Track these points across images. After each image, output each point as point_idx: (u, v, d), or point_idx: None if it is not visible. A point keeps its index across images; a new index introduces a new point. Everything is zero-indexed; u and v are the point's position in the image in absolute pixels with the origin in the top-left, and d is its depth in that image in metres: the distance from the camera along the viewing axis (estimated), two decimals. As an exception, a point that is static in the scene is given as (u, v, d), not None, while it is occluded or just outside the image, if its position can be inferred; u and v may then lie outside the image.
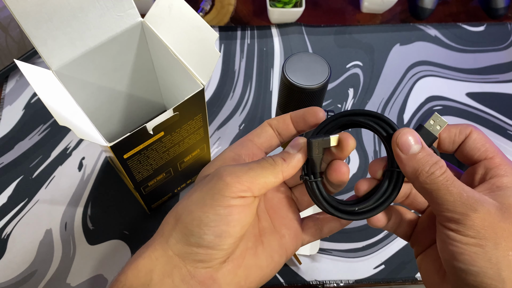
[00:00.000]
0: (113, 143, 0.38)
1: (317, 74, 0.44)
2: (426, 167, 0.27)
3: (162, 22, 0.45)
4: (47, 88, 0.39)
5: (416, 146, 0.28)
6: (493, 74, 0.72)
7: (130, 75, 0.53)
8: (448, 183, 0.27)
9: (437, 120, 0.31)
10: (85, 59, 0.46)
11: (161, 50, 0.47)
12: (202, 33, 0.42)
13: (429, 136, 0.31)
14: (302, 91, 0.44)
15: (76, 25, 0.43)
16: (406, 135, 0.28)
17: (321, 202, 0.32)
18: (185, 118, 0.44)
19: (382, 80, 0.70)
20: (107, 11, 0.44)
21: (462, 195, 0.26)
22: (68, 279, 0.53)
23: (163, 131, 0.43)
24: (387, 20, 0.78)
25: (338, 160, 0.32)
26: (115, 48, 0.47)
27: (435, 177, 0.27)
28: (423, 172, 0.27)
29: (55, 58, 0.43)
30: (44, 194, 0.58)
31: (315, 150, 0.31)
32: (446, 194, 0.26)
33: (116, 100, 0.54)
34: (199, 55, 0.43)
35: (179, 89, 0.50)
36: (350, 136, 0.32)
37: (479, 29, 0.76)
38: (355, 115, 0.32)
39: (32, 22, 0.40)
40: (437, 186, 0.27)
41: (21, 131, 0.63)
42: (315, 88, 0.44)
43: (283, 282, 0.54)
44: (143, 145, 0.42)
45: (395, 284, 0.55)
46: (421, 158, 0.28)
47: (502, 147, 0.65)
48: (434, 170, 0.27)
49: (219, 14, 0.75)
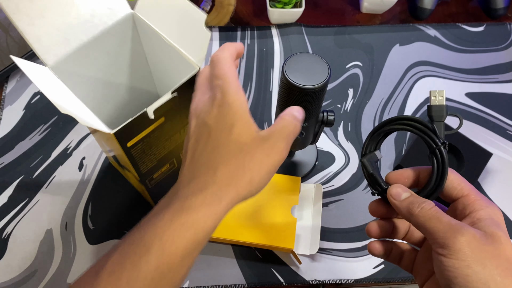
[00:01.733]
0: (116, 130, 0.39)
1: (317, 74, 0.44)
2: (416, 204, 0.33)
3: (152, 11, 0.46)
4: (47, 83, 0.40)
5: (405, 193, 0.35)
6: (493, 74, 0.72)
7: (125, 67, 0.53)
8: (438, 214, 0.32)
9: (436, 94, 0.35)
10: (80, 54, 0.46)
11: (153, 39, 0.48)
12: (190, 15, 0.42)
13: (441, 110, 0.35)
14: (302, 91, 0.44)
15: (69, 20, 0.43)
16: (396, 188, 0.35)
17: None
18: (184, 102, 0.44)
19: (382, 80, 0.70)
20: (98, 4, 0.44)
21: (450, 222, 0.31)
22: (68, 279, 0.53)
23: (164, 117, 0.43)
24: (387, 21, 0.78)
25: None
26: (108, 41, 0.48)
27: (426, 210, 0.32)
28: (415, 208, 0.33)
29: (50, 55, 0.43)
30: (45, 194, 0.58)
31: (369, 167, 0.37)
32: (437, 222, 0.31)
33: (112, 93, 0.55)
34: (191, 38, 0.43)
35: (174, 77, 0.51)
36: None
37: (479, 29, 0.76)
38: (386, 124, 0.37)
39: (25, 19, 0.40)
40: (429, 217, 0.32)
41: (22, 131, 0.63)
42: (315, 89, 0.44)
43: (283, 281, 0.54)
44: (145, 132, 0.43)
45: (394, 284, 0.56)
46: (411, 199, 0.34)
47: (502, 147, 0.65)
48: (424, 205, 0.33)
49: (219, 15, 0.75)
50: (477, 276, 0.29)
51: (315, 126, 0.52)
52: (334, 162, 0.63)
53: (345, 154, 0.64)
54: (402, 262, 0.39)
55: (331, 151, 0.64)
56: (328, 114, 0.51)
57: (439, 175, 0.35)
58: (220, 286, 0.54)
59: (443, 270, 0.30)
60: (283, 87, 0.46)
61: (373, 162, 0.38)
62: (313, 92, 0.44)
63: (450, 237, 0.30)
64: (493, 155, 0.61)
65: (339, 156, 0.63)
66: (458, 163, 0.61)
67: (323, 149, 0.64)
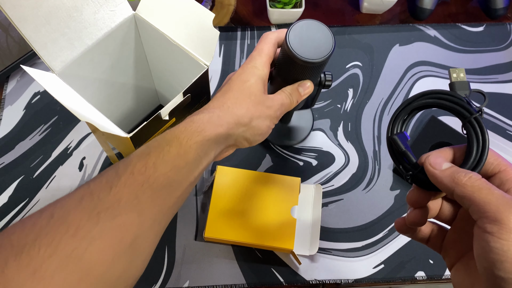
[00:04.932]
0: (132, 134, 0.39)
1: (321, 46, 0.42)
2: (463, 174, 0.29)
3: (155, 12, 0.46)
4: (59, 91, 0.40)
5: (446, 163, 0.31)
6: (492, 74, 0.72)
7: (127, 67, 0.54)
8: (489, 185, 0.28)
9: (457, 71, 0.34)
10: (85, 58, 0.46)
11: (156, 39, 0.48)
12: (198, 15, 0.42)
13: (464, 86, 0.34)
14: (305, 64, 0.42)
15: (73, 25, 0.43)
16: (436, 158, 0.31)
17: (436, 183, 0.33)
18: (193, 101, 0.45)
19: (382, 80, 0.70)
20: (100, 7, 0.45)
21: (504, 196, 0.27)
22: (68, 279, 0.53)
23: (175, 117, 0.44)
24: (387, 21, 0.78)
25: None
26: (111, 43, 0.48)
27: (474, 180, 0.29)
28: (461, 178, 0.29)
29: (56, 61, 0.44)
30: (45, 194, 0.58)
31: (401, 144, 0.34)
32: (488, 194, 0.27)
33: (115, 93, 0.55)
34: (198, 38, 0.43)
35: (179, 75, 0.51)
36: None
37: (479, 29, 0.76)
38: (414, 100, 0.35)
39: (31, 27, 0.40)
40: (478, 187, 0.28)
41: (22, 131, 0.63)
42: (319, 62, 0.42)
43: (283, 281, 0.54)
44: (157, 133, 0.43)
45: (394, 284, 0.56)
46: (455, 169, 0.30)
47: (502, 147, 0.65)
48: (471, 175, 0.29)
49: (219, 15, 0.75)
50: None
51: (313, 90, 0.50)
52: (334, 162, 0.63)
53: (345, 154, 0.64)
54: (430, 241, 0.36)
55: (331, 151, 0.64)
56: (326, 75, 0.49)
57: (480, 145, 0.31)
58: (220, 286, 0.54)
59: (488, 252, 0.26)
60: (285, 57, 0.43)
61: (404, 140, 0.34)
62: (316, 65, 0.42)
63: (504, 211, 0.26)
64: (493, 155, 0.61)
65: (339, 156, 0.63)
66: (458, 163, 0.61)
67: (323, 149, 0.64)
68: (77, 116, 0.35)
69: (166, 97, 0.61)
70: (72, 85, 0.44)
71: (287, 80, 0.45)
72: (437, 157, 0.31)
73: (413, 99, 0.34)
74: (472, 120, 0.32)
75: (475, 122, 0.32)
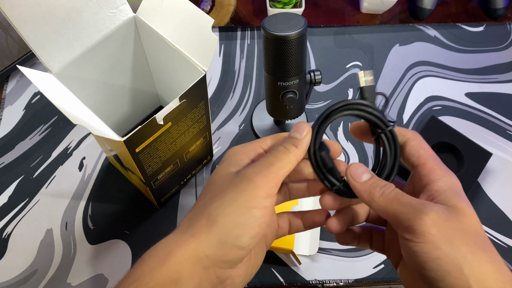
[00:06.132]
0: (126, 138, 0.39)
1: (294, 26, 0.47)
2: (378, 188, 0.31)
3: (155, 15, 0.46)
4: (54, 92, 0.40)
5: (366, 174, 0.32)
6: (492, 74, 0.72)
7: (127, 70, 0.53)
8: (398, 196, 0.30)
9: (363, 75, 0.34)
10: (83, 59, 0.46)
11: (156, 42, 0.48)
12: (198, 20, 0.42)
13: (372, 90, 0.34)
14: (280, 40, 0.47)
15: (72, 25, 0.43)
16: (356, 169, 0.32)
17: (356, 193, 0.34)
18: (190, 106, 0.45)
19: (382, 80, 0.70)
20: (100, 9, 0.44)
21: (411, 203, 0.29)
22: (68, 279, 0.53)
23: (171, 122, 0.44)
24: (387, 21, 0.78)
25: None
26: (111, 45, 0.48)
27: (387, 194, 0.30)
28: (376, 192, 0.31)
29: (54, 61, 0.43)
30: (45, 194, 0.58)
31: (328, 161, 0.34)
32: (398, 205, 0.29)
33: (114, 95, 0.55)
34: (197, 43, 0.43)
35: (177, 79, 0.51)
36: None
37: (479, 29, 0.76)
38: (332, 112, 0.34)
39: (29, 27, 0.40)
40: (390, 200, 0.30)
41: (22, 131, 0.63)
42: (292, 36, 0.47)
43: (283, 281, 0.54)
44: (153, 137, 0.43)
45: (394, 284, 0.56)
46: (372, 182, 0.31)
47: (502, 147, 0.65)
48: (385, 189, 0.31)
49: (219, 15, 0.75)
50: (447, 258, 0.27)
51: (305, 87, 0.54)
52: (334, 162, 0.63)
53: (345, 154, 0.64)
54: (372, 245, 0.36)
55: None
56: (315, 73, 0.53)
57: (393, 155, 0.33)
58: (220, 286, 0.54)
59: (412, 256, 0.28)
60: (264, 42, 0.49)
61: (328, 153, 0.34)
62: (290, 41, 0.47)
63: (414, 218, 0.28)
64: (493, 155, 0.61)
65: (339, 156, 0.63)
66: (458, 163, 0.61)
67: (323, 149, 0.64)
68: (70, 119, 0.34)
69: (167, 100, 0.61)
70: (69, 86, 0.44)
71: (275, 72, 0.50)
72: (357, 168, 0.32)
73: (334, 110, 0.34)
74: (387, 131, 0.33)
75: (390, 134, 0.33)
